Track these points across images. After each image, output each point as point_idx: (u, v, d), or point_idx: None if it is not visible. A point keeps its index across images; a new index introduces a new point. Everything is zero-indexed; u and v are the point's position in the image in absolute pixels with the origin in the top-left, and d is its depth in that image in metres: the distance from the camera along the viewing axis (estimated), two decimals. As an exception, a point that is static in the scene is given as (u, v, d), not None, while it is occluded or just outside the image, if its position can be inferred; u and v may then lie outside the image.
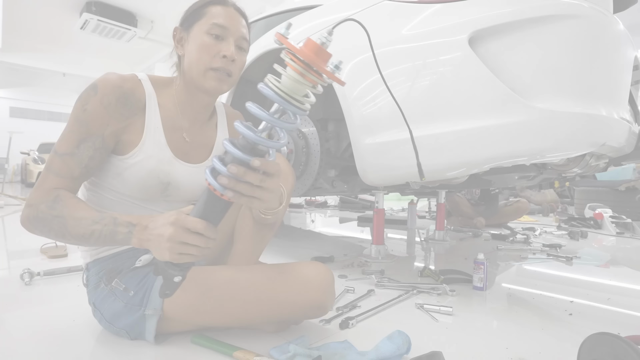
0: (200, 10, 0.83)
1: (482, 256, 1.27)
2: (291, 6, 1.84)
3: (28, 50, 8.31)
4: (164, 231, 0.60)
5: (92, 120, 0.74)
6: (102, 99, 0.75)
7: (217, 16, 0.81)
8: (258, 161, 0.54)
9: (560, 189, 4.82)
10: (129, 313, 0.79)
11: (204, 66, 0.80)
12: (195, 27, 0.82)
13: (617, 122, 1.04)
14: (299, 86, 0.52)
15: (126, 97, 0.78)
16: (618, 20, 1.10)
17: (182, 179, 0.88)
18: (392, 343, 0.74)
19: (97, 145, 0.76)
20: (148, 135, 0.82)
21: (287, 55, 0.51)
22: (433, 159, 1.08)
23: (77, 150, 0.74)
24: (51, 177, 0.73)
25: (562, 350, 0.83)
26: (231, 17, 0.82)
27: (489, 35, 1.00)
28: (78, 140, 0.74)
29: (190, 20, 0.83)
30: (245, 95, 1.96)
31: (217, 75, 0.81)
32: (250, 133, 0.53)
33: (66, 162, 0.73)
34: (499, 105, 0.97)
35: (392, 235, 2.58)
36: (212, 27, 0.80)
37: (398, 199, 6.50)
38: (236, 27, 0.83)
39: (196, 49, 0.80)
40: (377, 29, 1.24)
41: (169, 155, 0.85)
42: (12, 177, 10.89)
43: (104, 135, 0.76)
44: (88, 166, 0.76)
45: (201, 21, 0.81)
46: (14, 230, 2.50)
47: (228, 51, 0.80)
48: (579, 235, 2.59)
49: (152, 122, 0.83)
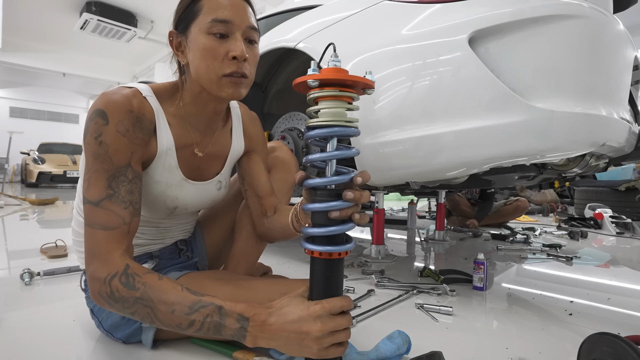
0: (193, 5, 0.70)
1: (482, 256, 1.27)
2: (291, 6, 1.84)
3: (28, 50, 8.31)
4: (310, 328, 0.53)
5: (114, 152, 0.65)
6: (116, 126, 0.65)
7: (215, 9, 0.68)
8: (351, 193, 0.53)
9: (560, 189, 4.82)
10: (127, 325, 0.78)
11: (214, 74, 0.69)
12: (192, 28, 0.70)
13: (617, 122, 1.04)
14: (339, 109, 0.53)
15: (140, 121, 0.69)
16: (618, 20, 1.10)
17: (191, 199, 0.83)
18: (392, 343, 0.74)
19: (130, 176, 0.66)
20: (159, 159, 0.75)
21: (315, 91, 0.53)
22: (433, 159, 1.08)
23: (113, 191, 0.64)
24: (101, 234, 0.62)
25: (562, 350, 0.83)
26: (232, 5, 0.70)
27: (489, 35, 1.00)
28: (107, 179, 0.64)
29: (185, 21, 0.71)
30: (246, 95, 1.96)
31: (232, 80, 0.70)
32: (333, 178, 0.53)
33: (108, 208, 0.63)
34: (499, 105, 0.97)
35: (392, 235, 2.58)
36: (213, 25, 0.68)
37: (398, 199, 6.50)
38: (241, 16, 0.70)
39: (200, 55, 0.69)
40: (376, 29, 1.24)
41: (179, 178, 0.79)
42: (12, 177, 10.89)
43: (131, 164, 0.67)
44: (133, 203, 0.66)
45: (198, 19, 0.69)
46: (14, 230, 2.50)
47: (237, 50, 0.68)
48: (579, 235, 2.59)
49: (164, 144, 0.74)
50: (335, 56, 0.52)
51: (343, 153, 0.53)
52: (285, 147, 1.04)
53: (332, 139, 0.53)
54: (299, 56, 1.70)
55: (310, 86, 0.51)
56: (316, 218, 0.54)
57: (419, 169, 1.13)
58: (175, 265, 0.93)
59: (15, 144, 7.13)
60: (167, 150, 0.75)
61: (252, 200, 0.91)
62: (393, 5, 1.21)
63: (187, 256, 0.97)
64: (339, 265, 0.55)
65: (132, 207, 0.66)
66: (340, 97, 0.52)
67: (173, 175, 0.78)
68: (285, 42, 1.53)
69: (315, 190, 0.55)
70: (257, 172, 0.91)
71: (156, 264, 0.86)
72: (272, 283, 0.79)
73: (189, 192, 0.82)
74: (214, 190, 0.89)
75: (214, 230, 1.04)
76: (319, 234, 0.53)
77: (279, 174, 1.00)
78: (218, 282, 0.79)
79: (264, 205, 0.90)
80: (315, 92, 0.52)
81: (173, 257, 0.93)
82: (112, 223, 0.63)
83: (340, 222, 0.54)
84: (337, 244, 0.53)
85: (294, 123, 1.68)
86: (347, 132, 0.53)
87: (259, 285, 0.78)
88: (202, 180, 0.85)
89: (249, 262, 0.99)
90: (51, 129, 12.29)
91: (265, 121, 2.09)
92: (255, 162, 0.92)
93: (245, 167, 0.92)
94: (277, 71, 1.97)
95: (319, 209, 0.53)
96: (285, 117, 1.73)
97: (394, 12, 1.20)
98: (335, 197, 0.53)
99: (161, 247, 0.90)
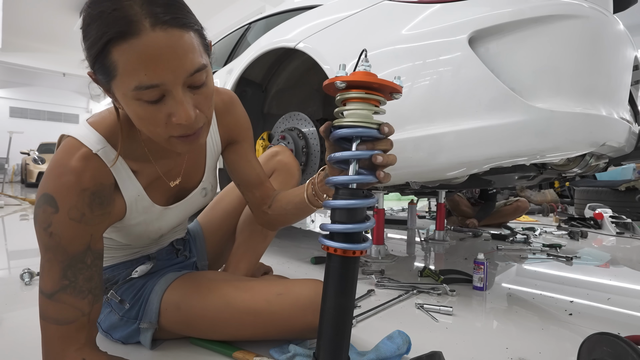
0: (103, 58, 0.49)
1: (482, 256, 1.27)
2: (291, 6, 1.84)
3: (28, 50, 8.31)
4: None
5: (68, 243, 0.55)
6: (69, 214, 0.55)
7: (134, 72, 0.48)
8: (378, 151, 0.55)
9: (560, 189, 4.82)
10: (125, 326, 0.79)
11: (160, 137, 0.56)
12: (114, 88, 0.52)
13: (617, 122, 1.04)
14: (365, 111, 0.54)
15: (99, 195, 0.58)
16: (618, 20, 1.10)
17: (176, 219, 0.81)
18: (392, 343, 0.74)
19: (89, 261, 0.58)
20: (130, 209, 0.68)
21: (345, 93, 0.54)
22: (433, 158, 1.08)
23: (68, 281, 0.56)
24: (54, 329, 0.56)
25: (562, 350, 0.83)
26: (158, 57, 0.48)
27: (489, 35, 1.00)
28: (61, 269, 0.56)
29: (102, 75, 0.51)
30: (245, 95, 1.96)
31: (184, 140, 0.57)
32: (358, 177, 0.55)
33: (63, 301, 0.56)
34: (499, 105, 0.97)
35: (392, 235, 2.58)
36: (138, 93, 0.50)
37: (398, 199, 6.50)
38: (174, 69, 0.49)
39: (136, 120, 0.55)
40: (377, 29, 1.24)
41: (158, 212, 0.74)
42: (12, 177, 10.89)
43: (90, 247, 0.58)
44: (93, 290, 0.59)
45: (116, 81, 0.50)
46: (14, 230, 2.50)
47: (181, 118, 0.52)
48: (579, 235, 2.59)
49: (131, 195, 0.67)
50: (366, 61, 0.54)
51: (366, 153, 0.54)
52: (288, 152, 1.02)
53: (356, 140, 0.55)
54: (299, 56, 1.70)
55: (338, 87, 0.53)
56: (337, 215, 0.55)
57: (419, 169, 1.13)
58: (174, 266, 0.92)
59: (15, 144, 7.13)
60: (136, 197, 0.68)
61: (246, 193, 0.86)
62: (393, 5, 1.21)
63: (185, 256, 0.95)
64: (355, 264, 0.56)
65: (92, 295, 0.59)
66: (366, 100, 0.54)
67: (150, 213, 0.72)
68: (285, 42, 1.53)
69: (339, 188, 0.56)
70: (244, 164, 0.84)
71: (154, 265, 0.85)
72: (269, 284, 0.78)
73: (172, 216, 0.78)
74: (200, 198, 0.84)
75: (216, 230, 1.03)
76: (342, 230, 0.54)
77: (281, 177, 0.99)
78: (216, 283, 0.78)
79: (261, 194, 0.85)
80: (343, 93, 0.54)
81: (170, 257, 0.92)
82: (67, 317, 0.56)
83: (361, 220, 0.55)
84: (355, 242, 0.55)
85: (294, 123, 1.68)
86: (371, 134, 0.54)
87: (256, 287, 0.77)
88: (184, 198, 0.80)
89: (250, 261, 0.99)
90: (51, 129, 12.30)
91: (265, 121, 2.09)
92: (239, 154, 0.84)
93: (230, 163, 0.85)
94: (277, 71, 1.97)
95: (344, 206, 0.54)
96: (285, 117, 1.73)
97: (394, 12, 1.20)
98: (360, 196, 0.55)
99: (157, 249, 0.88)
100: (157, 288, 0.78)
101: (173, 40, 0.49)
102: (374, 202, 0.56)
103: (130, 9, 0.47)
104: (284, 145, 1.05)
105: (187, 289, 0.77)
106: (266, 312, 0.73)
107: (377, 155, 0.54)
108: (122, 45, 0.47)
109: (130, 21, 0.47)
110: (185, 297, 0.76)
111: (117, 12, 0.47)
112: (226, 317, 0.74)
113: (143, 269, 0.81)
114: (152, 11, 0.48)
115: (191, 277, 0.81)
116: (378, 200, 1.78)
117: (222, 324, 0.75)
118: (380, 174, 0.55)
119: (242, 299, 0.74)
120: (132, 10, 0.47)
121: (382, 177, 0.55)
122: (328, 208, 0.57)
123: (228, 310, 0.74)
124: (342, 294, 0.55)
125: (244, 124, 0.84)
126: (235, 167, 0.84)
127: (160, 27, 0.48)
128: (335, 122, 0.56)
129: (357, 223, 0.54)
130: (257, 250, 1.00)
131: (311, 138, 1.61)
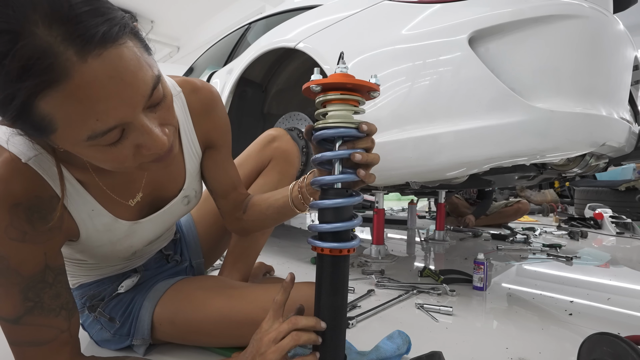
0: (27, 118, 0.37)
1: (482, 256, 1.27)
2: (291, 6, 1.84)
3: (28, 50, 8.31)
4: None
5: (18, 265, 0.48)
6: (7, 234, 0.47)
7: (83, 120, 0.38)
8: (358, 154, 0.54)
9: (560, 189, 4.82)
10: (118, 342, 0.76)
11: (128, 169, 0.48)
12: (56, 141, 0.41)
13: (617, 122, 1.04)
14: (344, 112, 0.55)
15: (37, 208, 0.49)
16: (618, 20, 1.10)
17: (153, 233, 0.71)
18: (392, 343, 0.74)
19: (51, 279, 0.52)
20: (86, 227, 0.58)
21: (322, 95, 0.55)
22: (433, 158, 1.08)
23: (32, 303, 0.50)
24: (32, 352, 0.52)
25: (562, 350, 0.83)
26: (106, 94, 0.37)
27: (489, 35, 1.00)
28: (20, 291, 0.49)
29: (33, 133, 0.42)
30: (245, 95, 1.96)
31: (157, 162, 0.49)
32: (342, 176, 0.55)
33: (33, 323, 0.50)
34: (499, 105, 0.97)
35: (392, 235, 2.58)
36: (96, 142, 0.40)
37: (398, 199, 6.50)
38: (129, 95, 0.39)
39: (95, 162, 0.45)
40: (377, 29, 1.24)
41: (125, 227, 0.63)
42: (12, 177, 10.88)
43: (48, 265, 0.51)
44: (64, 305, 0.54)
45: (57, 135, 0.39)
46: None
47: (154, 147, 0.44)
48: (579, 235, 2.59)
49: (81, 210, 0.56)
50: (343, 62, 0.55)
51: (345, 152, 0.55)
52: (287, 136, 0.94)
53: (338, 140, 0.56)
54: (299, 56, 1.70)
55: (314, 91, 0.54)
56: (324, 215, 0.56)
57: (419, 169, 1.13)
58: (164, 273, 0.85)
59: (15, 144, 7.12)
60: (89, 213, 0.57)
61: (218, 199, 0.79)
62: (393, 5, 1.21)
63: (176, 260, 0.88)
64: (345, 262, 0.57)
65: (65, 311, 0.53)
66: (345, 101, 0.55)
67: (114, 231, 0.61)
68: (285, 42, 1.53)
69: (324, 188, 0.57)
70: (220, 172, 0.76)
71: (140, 277, 0.79)
72: (265, 291, 0.74)
73: (146, 230, 0.68)
74: (181, 207, 0.73)
75: (211, 225, 0.96)
76: (329, 229, 0.55)
77: (279, 167, 0.92)
78: (209, 292, 0.74)
79: (234, 200, 0.79)
80: (320, 96, 0.55)
81: (160, 265, 0.85)
82: (44, 337, 0.52)
83: (348, 218, 0.56)
84: (343, 241, 0.55)
85: (294, 123, 1.68)
86: (351, 133, 0.55)
87: (251, 295, 0.73)
88: (160, 208, 0.69)
89: (247, 261, 0.98)
90: (51, 129, 12.30)
91: (265, 121, 2.09)
92: (216, 161, 0.75)
93: (204, 168, 0.76)
94: (277, 71, 1.97)
95: (329, 206, 0.55)
96: (285, 117, 1.73)
97: (394, 12, 1.20)
98: (344, 195, 0.56)
99: (143, 262, 0.81)
100: (146, 303, 0.74)
101: (115, 67, 0.37)
102: (359, 200, 0.57)
103: (38, 41, 0.33)
104: (281, 129, 0.96)
105: (180, 303, 0.73)
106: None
107: (355, 153, 0.54)
108: (52, 94, 0.35)
109: (49, 61, 0.33)
110: (179, 312, 0.72)
111: (23, 51, 0.33)
112: (223, 328, 0.71)
113: (129, 284, 0.76)
114: (68, 33, 0.34)
115: (183, 289, 0.76)
116: (378, 200, 1.78)
117: (219, 335, 0.73)
118: (361, 172, 0.55)
119: (239, 310, 0.71)
120: (40, 41, 0.33)
121: (363, 176, 0.55)
122: (315, 209, 0.58)
123: (225, 322, 0.71)
124: (335, 293, 0.56)
125: (223, 126, 0.74)
126: (209, 174, 0.76)
127: (92, 54, 0.35)
128: (316, 124, 0.57)
129: (343, 222, 0.55)
130: (253, 251, 0.98)
131: (311, 138, 1.60)
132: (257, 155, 0.95)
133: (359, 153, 0.54)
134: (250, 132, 1.98)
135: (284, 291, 0.58)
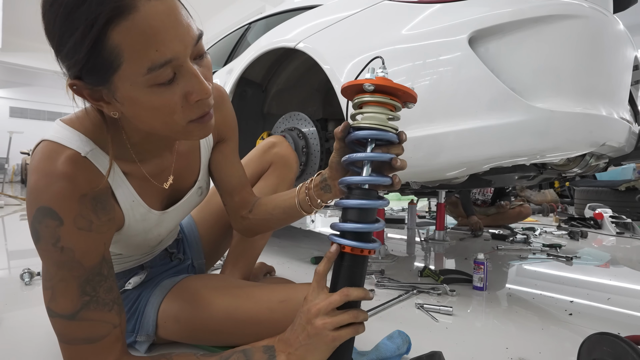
0: (101, 50, 0.43)
1: (482, 256, 1.27)
2: (291, 6, 1.84)
3: (28, 50, 8.31)
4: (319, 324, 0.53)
5: (82, 255, 0.51)
6: (76, 224, 0.50)
7: (145, 50, 0.43)
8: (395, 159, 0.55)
9: (560, 189, 4.82)
10: None
11: (177, 126, 0.51)
12: (117, 83, 0.46)
13: (617, 122, 1.04)
14: (384, 116, 0.56)
15: (100, 199, 0.54)
16: (618, 20, 1.10)
17: (174, 222, 0.77)
18: (392, 343, 0.74)
19: (106, 271, 0.55)
20: (129, 217, 0.64)
21: (363, 96, 0.55)
22: (433, 158, 1.08)
23: (89, 297, 0.52)
24: (87, 349, 0.53)
25: (562, 350, 0.83)
26: (165, 29, 0.44)
27: (489, 35, 1.00)
28: (79, 285, 0.51)
29: (98, 74, 0.45)
30: (245, 95, 1.96)
31: (202, 122, 0.52)
32: (373, 178, 0.56)
33: (89, 319, 0.52)
34: (499, 105, 0.97)
35: (392, 235, 2.58)
36: (153, 76, 0.45)
37: (398, 199, 6.50)
38: (182, 35, 0.46)
39: (149, 115, 0.49)
40: (376, 29, 1.24)
41: (155, 218, 0.69)
42: (12, 177, 10.90)
43: (104, 257, 0.55)
44: (116, 300, 0.56)
45: (121, 72, 0.44)
46: (14, 230, 2.50)
47: (201, 92, 0.48)
48: (579, 235, 2.59)
49: (126, 200, 0.62)
50: (384, 67, 0.55)
51: (386, 156, 0.55)
52: (286, 143, 0.99)
53: (372, 143, 0.56)
54: (299, 56, 1.70)
55: (366, 90, 0.54)
56: (350, 214, 0.56)
57: (419, 169, 1.13)
58: (169, 271, 0.88)
59: (15, 144, 7.13)
60: (131, 204, 0.63)
61: (225, 196, 0.81)
62: (393, 5, 1.21)
63: (180, 259, 0.91)
64: (365, 262, 0.57)
65: (117, 306, 0.55)
66: (386, 104, 0.55)
67: (148, 220, 0.67)
68: (285, 42, 1.53)
69: (352, 188, 0.57)
70: (229, 166, 0.80)
71: (147, 274, 0.82)
72: (271, 290, 0.74)
73: (170, 220, 0.74)
74: (196, 197, 0.80)
75: (212, 226, 0.99)
76: (355, 229, 0.55)
77: (278, 171, 0.96)
78: (215, 291, 0.75)
79: (241, 199, 0.81)
80: (366, 96, 0.55)
81: (165, 262, 0.88)
82: (99, 333, 0.53)
83: (374, 220, 0.57)
84: (366, 242, 0.56)
85: (294, 123, 1.68)
86: (389, 138, 0.55)
87: (256, 294, 0.74)
88: (181, 199, 0.75)
89: (248, 261, 0.98)
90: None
91: (265, 121, 2.09)
92: (225, 154, 0.79)
93: (214, 162, 0.80)
94: (277, 71, 1.97)
95: (358, 206, 0.55)
96: (285, 117, 1.73)
97: (394, 12, 1.20)
98: (374, 197, 0.56)
99: (152, 257, 0.84)
100: (152, 300, 0.76)
101: (172, 7, 0.45)
102: (386, 204, 0.57)
103: None
104: (280, 136, 1.01)
105: (185, 301, 0.74)
106: (269, 320, 0.71)
107: (397, 159, 0.54)
108: (123, 24, 0.41)
109: None
110: (184, 310, 0.73)
111: None
112: (228, 327, 0.72)
113: (136, 280, 0.78)
114: None
115: (188, 287, 0.77)
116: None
117: (223, 335, 0.73)
118: (396, 177, 0.56)
119: (244, 309, 0.71)
120: None
121: (397, 182, 0.56)
122: (341, 207, 0.58)
123: (230, 321, 0.71)
124: None
125: (232, 121, 0.80)
126: (218, 168, 0.79)
127: None
128: (353, 123, 0.57)
129: (369, 223, 0.56)
130: (254, 250, 0.99)
131: (311, 138, 1.61)
132: (258, 159, 0.98)
133: (400, 159, 0.55)
134: (250, 132, 1.98)
135: (327, 261, 0.57)
